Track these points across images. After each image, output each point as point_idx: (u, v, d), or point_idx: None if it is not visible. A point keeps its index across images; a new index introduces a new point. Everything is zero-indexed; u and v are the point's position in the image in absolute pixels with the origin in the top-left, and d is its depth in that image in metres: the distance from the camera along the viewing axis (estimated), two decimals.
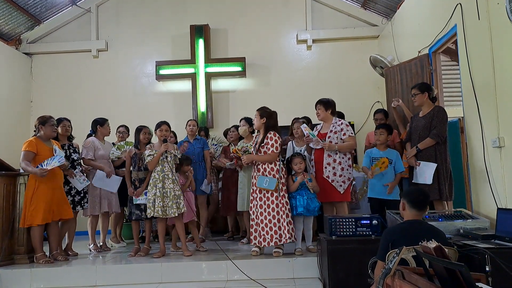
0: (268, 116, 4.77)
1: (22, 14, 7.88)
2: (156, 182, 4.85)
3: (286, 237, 4.50)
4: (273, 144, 4.63)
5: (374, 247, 3.08)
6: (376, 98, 7.86)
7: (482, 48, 4.24)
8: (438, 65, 5.67)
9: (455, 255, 2.60)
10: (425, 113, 4.63)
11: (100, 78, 8.35)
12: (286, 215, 4.53)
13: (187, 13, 8.37)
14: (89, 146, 5.44)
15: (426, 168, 4.45)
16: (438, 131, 4.44)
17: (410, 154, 4.61)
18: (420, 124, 4.60)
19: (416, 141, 4.60)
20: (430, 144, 4.47)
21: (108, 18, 8.51)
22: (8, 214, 4.75)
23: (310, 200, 4.63)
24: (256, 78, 8.22)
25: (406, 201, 2.98)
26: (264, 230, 4.57)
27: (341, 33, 8.19)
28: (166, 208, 4.82)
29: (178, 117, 7.65)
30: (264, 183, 4.56)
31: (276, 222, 4.51)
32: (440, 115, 4.51)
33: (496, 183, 4.06)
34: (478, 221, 3.83)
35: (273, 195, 4.55)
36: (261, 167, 4.68)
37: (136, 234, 5.27)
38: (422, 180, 4.44)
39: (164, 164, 4.90)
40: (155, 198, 4.81)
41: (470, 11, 4.42)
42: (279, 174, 4.61)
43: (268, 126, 4.75)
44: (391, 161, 4.68)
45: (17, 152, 4.73)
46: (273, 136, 4.66)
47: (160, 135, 5.02)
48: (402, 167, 4.70)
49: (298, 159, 4.75)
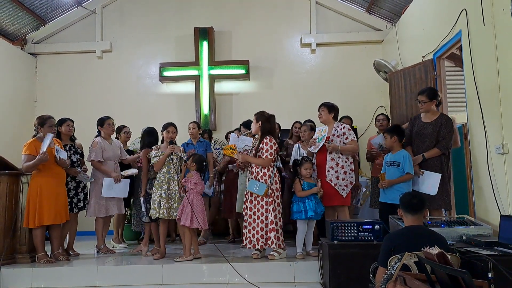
0: (264, 120, 4.77)
1: (27, 15, 7.91)
2: (161, 184, 4.85)
3: (273, 243, 4.51)
4: (268, 150, 4.64)
5: (375, 252, 3.07)
6: (380, 102, 7.85)
7: (486, 54, 4.22)
8: (442, 71, 5.65)
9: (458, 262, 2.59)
10: (431, 120, 4.57)
11: (104, 79, 8.37)
12: (271, 222, 4.53)
13: (192, 15, 8.39)
14: (96, 148, 5.29)
15: (430, 178, 4.40)
16: (446, 143, 4.43)
17: (415, 162, 4.49)
18: (426, 131, 4.54)
19: (421, 148, 4.53)
20: (437, 154, 4.44)
21: (113, 20, 8.54)
22: (11, 213, 4.76)
23: (317, 204, 4.65)
24: (259, 81, 8.23)
25: (401, 207, 3.02)
26: (250, 233, 4.62)
27: (345, 37, 8.20)
28: (170, 209, 4.82)
29: (181, 119, 7.62)
30: (255, 188, 4.59)
31: (264, 226, 4.55)
32: (449, 126, 4.48)
33: (500, 190, 4.04)
34: (481, 228, 3.80)
35: (263, 199, 4.58)
36: (254, 170, 4.70)
37: (155, 235, 5.19)
38: (425, 190, 4.39)
39: (170, 165, 4.90)
40: (160, 200, 4.80)
41: (475, 16, 4.41)
42: (271, 180, 4.61)
43: (264, 130, 4.75)
44: (398, 163, 4.54)
45: (20, 152, 4.72)
46: (268, 142, 4.66)
47: (166, 137, 5.02)
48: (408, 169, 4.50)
49: (308, 164, 4.75)
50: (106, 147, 5.39)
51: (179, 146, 5.18)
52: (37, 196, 4.63)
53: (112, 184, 5.27)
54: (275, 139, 4.75)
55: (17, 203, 4.84)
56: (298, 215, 4.65)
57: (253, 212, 4.64)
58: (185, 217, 4.64)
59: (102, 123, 5.50)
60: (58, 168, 4.80)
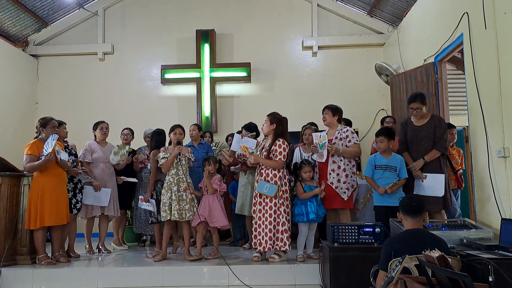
0: (278, 122, 4.75)
1: (29, 16, 7.93)
2: (171, 186, 4.84)
3: (279, 245, 4.50)
4: (281, 152, 4.61)
5: (376, 255, 3.07)
6: (381, 105, 7.85)
7: (488, 57, 4.23)
8: (444, 74, 5.65)
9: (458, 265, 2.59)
10: (423, 123, 4.58)
11: (106, 81, 8.38)
12: (283, 223, 4.53)
13: (193, 17, 8.40)
14: (86, 149, 5.51)
15: (435, 180, 4.40)
16: (443, 143, 4.46)
17: (417, 166, 4.48)
18: (421, 135, 4.55)
19: (419, 151, 4.53)
20: (436, 156, 4.46)
21: (115, 22, 8.56)
22: (12, 215, 4.76)
23: (318, 206, 4.66)
24: (261, 84, 8.23)
25: (400, 211, 3.03)
26: (260, 235, 4.60)
27: (347, 40, 8.20)
28: (182, 211, 4.81)
29: (182, 121, 7.50)
30: (265, 189, 4.56)
31: (272, 228, 4.52)
32: (444, 126, 4.53)
33: (501, 193, 4.03)
34: (482, 231, 3.81)
35: (272, 201, 4.56)
36: (264, 172, 4.67)
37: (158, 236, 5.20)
38: (432, 193, 4.38)
39: (178, 167, 4.90)
40: (171, 202, 4.80)
41: (477, 20, 4.41)
42: (281, 181, 4.60)
43: (277, 132, 4.73)
44: (395, 168, 4.56)
45: (21, 153, 4.74)
46: (281, 144, 4.64)
47: (174, 138, 5.03)
48: (405, 174, 4.57)
49: (308, 167, 4.76)
50: (96, 149, 5.55)
51: (186, 147, 5.19)
52: (39, 197, 4.63)
53: (92, 192, 5.36)
54: (287, 142, 4.74)
55: (18, 205, 4.84)
56: (299, 217, 4.64)
57: (262, 214, 4.61)
58: (220, 219, 4.80)
59: (95, 126, 5.69)
60: (59, 169, 4.80)
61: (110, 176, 5.60)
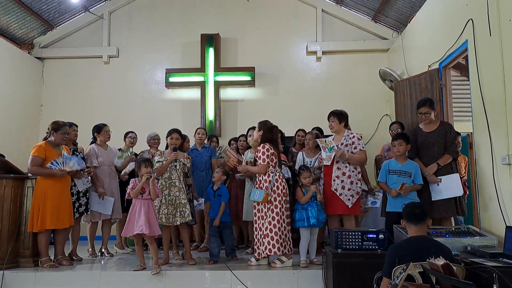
0: (266, 129, 4.79)
1: (35, 19, 7.97)
2: (162, 189, 4.85)
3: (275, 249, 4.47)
4: (261, 156, 4.67)
5: (380, 261, 3.06)
6: (385, 111, 7.85)
7: (493, 64, 4.22)
8: (448, 80, 5.64)
9: (463, 273, 2.58)
10: (432, 129, 4.58)
11: (110, 84, 8.42)
12: (266, 228, 4.53)
13: (198, 21, 8.44)
14: (90, 154, 5.47)
15: (450, 181, 4.39)
16: (454, 147, 4.52)
17: (430, 171, 4.44)
18: (431, 140, 4.54)
19: (432, 156, 4.51)
20: (449, 160, 4.45)
21: (120, 25, 8.60)
22: (15, 217, 4.77)
23: (319, 211, 4.65)
24: (265, 88, 8.24)
25: (404, 218, 3.03)
26: (259, 241, 4.62)
27: (351, 45, 8.21)
28: (170, 215, 4.81)
29: (186, 125, 7.63)
30: (255, 196, 4.62)
31: (268, 232, 4.52)
32: (453, 131, 4.58)
33: (505, 201, 4.01)
34: (486, 239, 3.79)
35: (265, 206, 4.58)
36: (257, 179, 4.75)
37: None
38: (451, 194, 4.37)
39: (172, 172, 4.91)
40: (160, 205, 4.81)
41: (482, 27, 4.41)
42: (270, 185, 4.61)
43: (263, 139, 4.77)
44: (409, 174, 4.43)
45: (26, 156, 4.76)
46: (261, 148, 4.69)
47: (170, 143, 5.03)
48: (421, 180, 4.43)
49: (306, 173, 4.77)
50: (100, 153, 5.53)
51: (182, 152, 5.18)
52: (42, 200, 4.64)
53: (97, 199, 5.39)
54: (273, 147, 4.75)
55: (21, 207, 4.85)
56: (300, 223, 4.65)
57: (258, 218, 4.68)
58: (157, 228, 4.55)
59: (99, 130, 5.64)
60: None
61: (114, 178, 5.63)
